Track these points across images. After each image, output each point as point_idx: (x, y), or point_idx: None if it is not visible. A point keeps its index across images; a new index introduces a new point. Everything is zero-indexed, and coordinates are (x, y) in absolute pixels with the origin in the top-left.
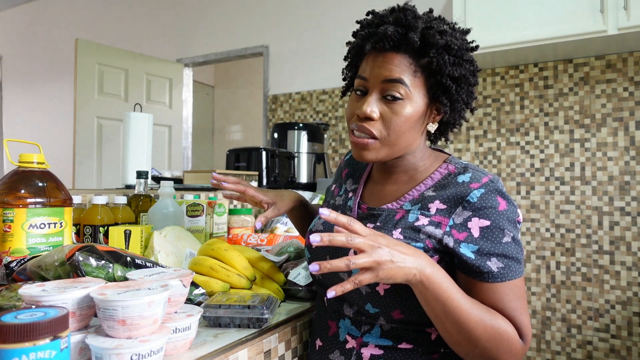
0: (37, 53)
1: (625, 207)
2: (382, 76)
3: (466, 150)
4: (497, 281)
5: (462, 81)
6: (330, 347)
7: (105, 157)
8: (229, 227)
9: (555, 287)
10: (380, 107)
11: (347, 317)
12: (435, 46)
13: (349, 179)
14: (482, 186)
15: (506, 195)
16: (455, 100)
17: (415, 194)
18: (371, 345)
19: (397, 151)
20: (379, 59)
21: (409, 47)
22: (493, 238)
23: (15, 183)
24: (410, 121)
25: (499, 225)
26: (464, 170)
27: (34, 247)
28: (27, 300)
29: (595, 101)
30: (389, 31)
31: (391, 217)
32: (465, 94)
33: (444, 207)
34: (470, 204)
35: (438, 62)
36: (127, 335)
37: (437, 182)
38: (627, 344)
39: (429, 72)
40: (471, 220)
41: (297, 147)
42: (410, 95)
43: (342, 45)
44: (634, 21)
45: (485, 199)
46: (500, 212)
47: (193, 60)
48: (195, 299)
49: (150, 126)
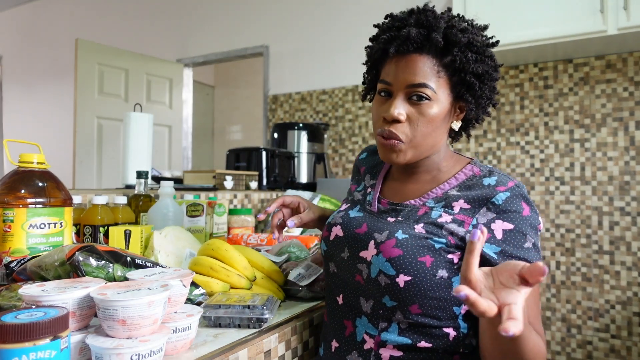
0: (37, 53)
1: (625, 207)
2: (407, 81)
3: (466, 150)
4: None
5: (485, 77)
6: (348, 348)
7: (105, 157)
8: (229, 227)
9: (555, 287)
10: (407, 108)
11: (363, 314)
12: (458, 44)
13: (367, 175)
14: (508, 190)
15: (530, 202)
16: (479, 96)
17: (439, 192)
18: (389, 346)
19: (423, 152)
20: (402, 62)
21: (432, 48)
22: (515, 242)
23: (16, 183)
24: (436, 121)
25: (521, 230)
26: (489, 174)
27: (34, 247)
28: (27, 300)
29: (595, 101)
30: (412, 33)
31: (414, 213)
32: (488, 89)
33: (468, 206)
34: (495, 206)
35: (461, 60)
36: (127, 335)
37: (461, 182)
38: (627, 344)
39: (453, 70)
40: (495, 222)
41: (297, 147)
42: (436, 96)
43: (343, 46)
44: (634, 21)
45: (510, 203)
46: (524, 217)
47: (193, 60)
48: (195, 299)
49: (151, 126)
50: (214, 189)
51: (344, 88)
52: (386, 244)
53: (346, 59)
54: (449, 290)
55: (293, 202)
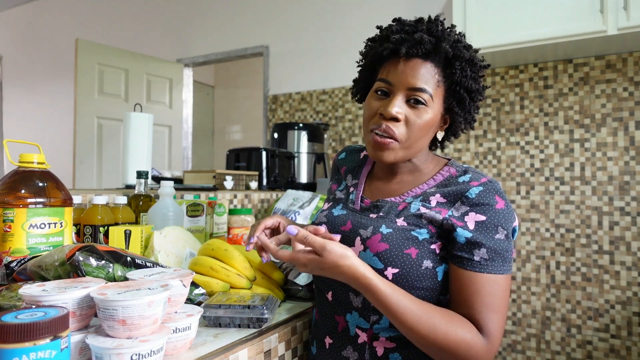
0: (37, 53)
1: (625, 207)
2: (409, 84)
3: (466, 150)
4: (476, 270)
5: (475, 95)
6: (342, 343)
7: (105, 157)
8: (229, 227)
9: (555, 287)
10: (405, 109)
11: (354, 309)
12: (461, 59)
13: (348, 175)
14: (480, 184)
15: (504, 197)
16: (467, 111)
17: (417, 191)
18: (382, 338)
19: (412, 153)
20: (406, 65)
21: (438, 57)
22: (486, 232)
23: (16, 183)
24: (428, 126)
25: (493, 222)
26: (464, 172)
27: (34, 247)
28: (27, 300)
29: (595, 101)
30: (425, 39)
31: (394, 208)
32: (474, 108)
33: (444, 200)
34: (468, 200)
35: (461, 74)
36: (127, 335)
37: (439, 182)
38: (627, 344)
39: (450, 82)
40: (468, 215)
41: (297, 147)
42: (432, 103)
43: (343, 46)
44: (633, 21)
45: (483, 196)
46: (496, 210)
47: (193, 60)
48: (195, 299)
49: (151, 126)
50: (214, 189)
51: (344, 88)
52: (372, 239)
53: (346, 59)
54: (434, 280)
55: (274, 224)
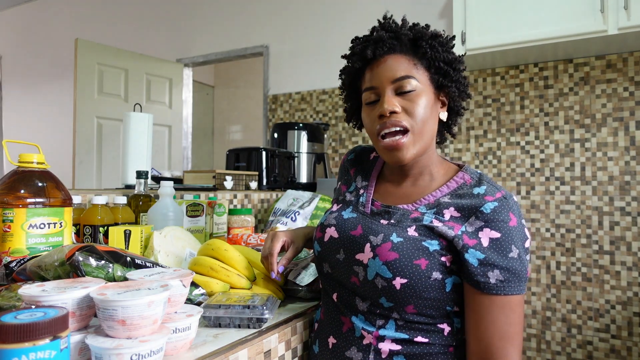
0: (37, 53)
1: (626, 207)
2: (390, 77)
3: (466, 150)
4: (493, 293)
5: (455, 64)
6: (346, 343)
7: (105, 157)
8: (229, 227)
9: (555, 287)
10: (398, 100)
11: (359, 312)
12: (424, 37)
13: (358, 176)
14: (495, 200)
15: (518, 214)
16: (456, 80)
17: (431, 199)
18: (388, 340)
19: (425, 142)
20: (380, 65)
21: (403, 46)
22: (501, 250)
23: (15, 183)
24: (427, 108)
25: (508, 239)
26: (479, 182)
27: (33, 247)
28: (27, 300)
29: (596, 101)
30: (384, 35)
31: (406, 216)
32: (461, 77)
33: (458, 215)
34: (483, 215)
35: (432, 47)
36: (127, 335)
37: (452, 190)
38: (628, 344)
39: (427, 62)
40: (482, 230)
41: (297, 147)
42: (420, 86)
43: (343, 46)
44: (634, 21)
45: (497, 212)
46: (511, 227)
47: (193, 60)
48: (195, 299)
49: (150, 126)
50: (214, 189)
51: None
52: (382, 247)
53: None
54: (442, 291)
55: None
